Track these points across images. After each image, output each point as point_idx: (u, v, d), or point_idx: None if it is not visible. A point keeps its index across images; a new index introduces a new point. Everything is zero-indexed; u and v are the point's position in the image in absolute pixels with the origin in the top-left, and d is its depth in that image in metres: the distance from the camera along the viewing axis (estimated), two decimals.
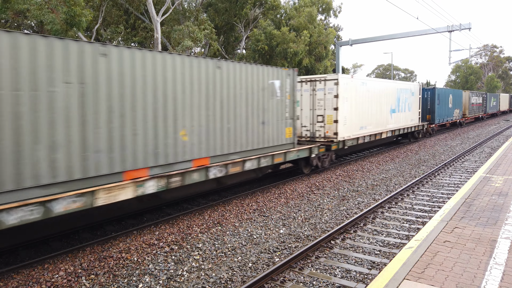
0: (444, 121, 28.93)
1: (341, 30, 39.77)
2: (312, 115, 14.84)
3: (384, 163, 16.67)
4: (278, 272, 6.23)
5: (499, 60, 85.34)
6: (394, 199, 10.73)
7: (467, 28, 25.43)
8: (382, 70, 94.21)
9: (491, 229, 6.48)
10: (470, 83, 73.99)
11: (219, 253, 7.19)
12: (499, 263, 5.12)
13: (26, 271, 6.41)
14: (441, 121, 28.17)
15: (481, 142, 23.46)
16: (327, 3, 30.17)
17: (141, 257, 7.00)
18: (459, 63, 74.12)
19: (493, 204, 7.96)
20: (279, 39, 24.38)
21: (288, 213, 9.66)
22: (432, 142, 23.73)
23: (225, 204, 10.32)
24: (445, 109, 28.65)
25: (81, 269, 6.50)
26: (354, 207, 10.16)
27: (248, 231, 8.31)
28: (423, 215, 9.32)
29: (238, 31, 28.69)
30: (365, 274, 6.23)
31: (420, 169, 15.39)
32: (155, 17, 17.84)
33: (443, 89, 29.09)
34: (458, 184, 12.53)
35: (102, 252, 7.15)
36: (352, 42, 30.96)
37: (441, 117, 27.84)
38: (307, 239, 7.90)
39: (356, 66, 79.04)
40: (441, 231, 6.40)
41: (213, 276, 6.25)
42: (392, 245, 7.48)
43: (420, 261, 5.23)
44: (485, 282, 4.62)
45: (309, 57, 26.70)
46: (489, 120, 46.44)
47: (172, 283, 6.06)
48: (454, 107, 31.35)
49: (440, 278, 4.72)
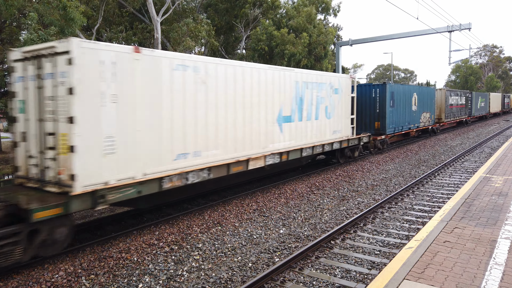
0: (405, 129, 21.36)
1: (341, 30, 39.76)
2: (40, 133, 7.14)
3: (384, 163, 16.67)
4: (278, 272, 6.23)
5: (499, 60, 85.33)
6: (394, 199, 10.73)
7: (467, 28, 25.41)
8: (382, 70, 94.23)
9: (491, 229, 6.48)
10: (470, 84, 73.99)
11: (219, 253, 7.19)
12: (499, 263, 5.12)
13: (26, 271, 6.41)
14: (399, 130, 20.53)
15: (481, 142, 23.46)
16: (326, 2, 30.15)
17: (141, 257, 7.00)
18: (459, 63, 74.12)
19: (493, 204, 7.96)
20: (278, 40, 24.39)
21: (288, 213, 9.66)
22: (432, 143, 23.74)
23: (225, 204, 10.31)
24: (405, 113, 21.18)
25: (81, 269, 6.50)
26: (354, 207, 10.16)
27: (248, 231, 8.31)
28: (423, 215, 9.32)
29: (238, 31, 28.69)
30: (365, 274, 6.23)
31: (420, 169, 15.39)
32: (155, 17, 17.85)
33: (402, 85, 21.55)
34: (458, 184, 12.53)
35: (102, 252, 7.15)
36: (352, 42, 30.93)
37: (398, 124, 20.28)
38: (307, 239, 7.90)
39: (356, 66, 79.04)
40: (441, 231, 6.40)
41: (213, 276, 6.25)
42: (392, 245, 7.48)
43: (420, 261, 5.23)
44: (485, 282, 4.62)
45: (309, 57, 26.70)
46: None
47: (172, 283, 6.06)
48: (422, 109, 23.98)
49: (440, 278, 4.72)
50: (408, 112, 21.72)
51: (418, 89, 23.93)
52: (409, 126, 22.12)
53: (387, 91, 18.78)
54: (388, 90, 18.90)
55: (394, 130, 20.07)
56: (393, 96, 19.36)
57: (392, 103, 19.39)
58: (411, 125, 22.46)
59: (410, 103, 21.89)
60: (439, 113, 29.03)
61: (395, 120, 19.90)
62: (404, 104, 21.14)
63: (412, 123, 22.45)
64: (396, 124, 20.05)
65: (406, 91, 21.57)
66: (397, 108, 20.07)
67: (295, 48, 24.13)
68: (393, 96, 19.41)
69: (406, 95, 21.38)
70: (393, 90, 19.54)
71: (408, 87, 22.67)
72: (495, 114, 52.44)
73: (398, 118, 20.30)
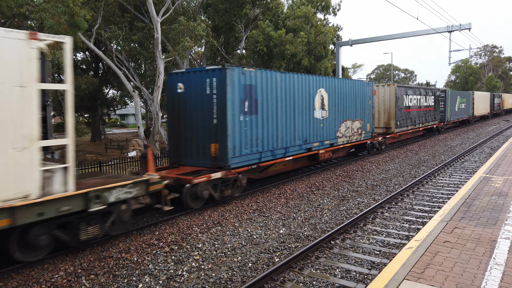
0: (292, 152, 12.72)
1: (341, 30, 39.67)
2: None
3: (384, 163, 16.67)
4: (278, 272, 6.23)
5: (499, 60, 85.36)
6: (394, 199, 10.73)
7: (467, 28, 25.43)
8: (382, 70, 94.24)
9: (491, 229, 6.48)
10: (470, 84, 74.01)
11: (219, 253, 7.19)
12: (499, 263, 5.12)
13: (26, 271, 6.41)
14: (270, 156, 11.71)
15: (481, 142, 23.46)
16: (326, 0, 30.09)
17: (141, 257, 7.00)
18: (459, 63, 74.12)
19: (493, 204, 7.96)
20: (276, 41, 24.37)
21: (288, 213, 9.66)
22: (432, 143, 23.74)
23: (225, 204, 10.31)
24: (291, 125, 12.60)
25: (81, 269, 6.50)
26: (354, 207, 10.16)
27: (248, 231, 8.31)
28: (423, 215, 9.32)
29: (238, 31, 28.68)
30: (365, 274, 6.23)
31: (420, 169, 15.39)
32: (155, 17, 17.84)
33: (283, 74, 12.26)
34: (458, 184, 12.53)
35: (102, 252, 7.15)
36: (352, 42, 30.98)
37: (268, 145, 11.63)
38: (307, 239, 7.90)
39: (355, 66, 79.00)
40: (441, 231, 6.40)
41: (213, 276, 6.25)
42: (392, 245, 7.48)
43: (420, 261, 5.23)
44: (485, 282, 4.62)
45: (309, 57, 26.68)
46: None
47: (172, 283, 6.06)
48: (341, 116, 15.52)
49: (440, 278, 4.72)
50: (304, 122, 13.16)
51: (329, 82, 14.58)
52: (303, 147, 13.18)
53: (232, 82, 10.18)
54: (236, 82, 10.32)
55: (259, 158, 11.22)
56: (251, 93, 10.82)
57: (251, 107, 10.87)
58: (313, 143, 13.67)
59: (308, 106, 13.37)
60: (388, 119, 20.55)
61: (260, 138, 11.22)
62: (290, 109, 12.47)
63: (314, 140, 13.75)
64: (262, 145, 11.32)
65: (298, 85, 12.81)
66: (268, 115, 11.53)
67: (295, 48, 24.12)
68: (252, 93, 10.87)
69: (299, 92, 12.86)
70: (253, 81, 10.91)
71: (301, 77, 13.02)
72: (483, 117, 43.14)
73: (268, 134, 11.55)
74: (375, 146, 18.83)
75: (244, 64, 26.70)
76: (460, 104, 33.77)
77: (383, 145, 19.63)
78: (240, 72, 10.47)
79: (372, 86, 18.31)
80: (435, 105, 27.45)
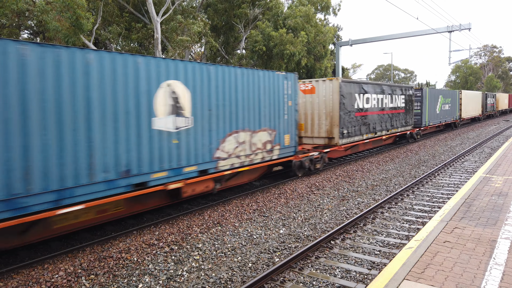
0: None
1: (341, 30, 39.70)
2: None
3: (384, 163, 16.67)
4: (278, 272, 6.23)
5: (498, 60, 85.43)
6: (394, 199, 10.73)
7: (467, 28, 25.45)
8: (382, 70, 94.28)
9: (491, 229, 6.48)
10: (470, 84, 74.03)
11: (219, 253, 7.19)
12: (499, 264, 5.12)
13: (26, 271, 6.41)
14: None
15: (481, 142, 23.46)
16: (326, 0, 30.12)
17: (141, 257, 7.00)
18: (459, 63, 74.19)
19: (493, 205, 7.96)
20: (276, 41, 24.37)
21: (288, 213, 9.66)
22: (432, 143, 23.74)
23: (225, 204, 10.32)
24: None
25: (81, 269, 6.50)
26: (354, 207, 10.16)
27: (248, 231, 8.31)
28: (423, 215, 9.32)
29: (238, 31, 28.69)
30: (365, 274, 6.23)
31: (420, 169, 15.39)
32: (155, 17, 17.84)
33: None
34: (458, 184, 12.54)
35: (102, 252, 7.15)
36: (352, 42, 31.00)
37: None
38: (307, 239, 7.90)
39: (355, 66, 79.02)
40: (441, 231, 6.40)
41: (213, 276, 6.25)
42: (392, 245, 7.48)
43: (420, 261, 5.23)
44: (485, 282, 4.62)
45: (308, 57, 26.69)
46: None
47: (172, 283, 6.06)
48: (225, 126, 9.88)
49: (440, 278, 4.72)
50: (122, 138, 7.55)
51: (194, 71, 9.03)
52: (122, 182, 7.57)
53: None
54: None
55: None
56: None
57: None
58: (150, 174, 8.08)
59: (136, 109, 7.77)
60: (330, 127, 15.15)
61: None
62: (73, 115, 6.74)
63: (156, 167, 8.21)
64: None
65: (98, 74, 7.08)
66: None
67: (294, 47, 24.12)
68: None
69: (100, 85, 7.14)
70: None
71: (107, 60, 7.20)
72: (473, 119, 38.07)
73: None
74: (304, 165, 13.28)
75: (244, 64, 26.72)
76: (443, 105, 28.52)
77: (319, 163, 14.20)
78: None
79: (293, 81, 12.61)
80: (407, 106, 21.69)
